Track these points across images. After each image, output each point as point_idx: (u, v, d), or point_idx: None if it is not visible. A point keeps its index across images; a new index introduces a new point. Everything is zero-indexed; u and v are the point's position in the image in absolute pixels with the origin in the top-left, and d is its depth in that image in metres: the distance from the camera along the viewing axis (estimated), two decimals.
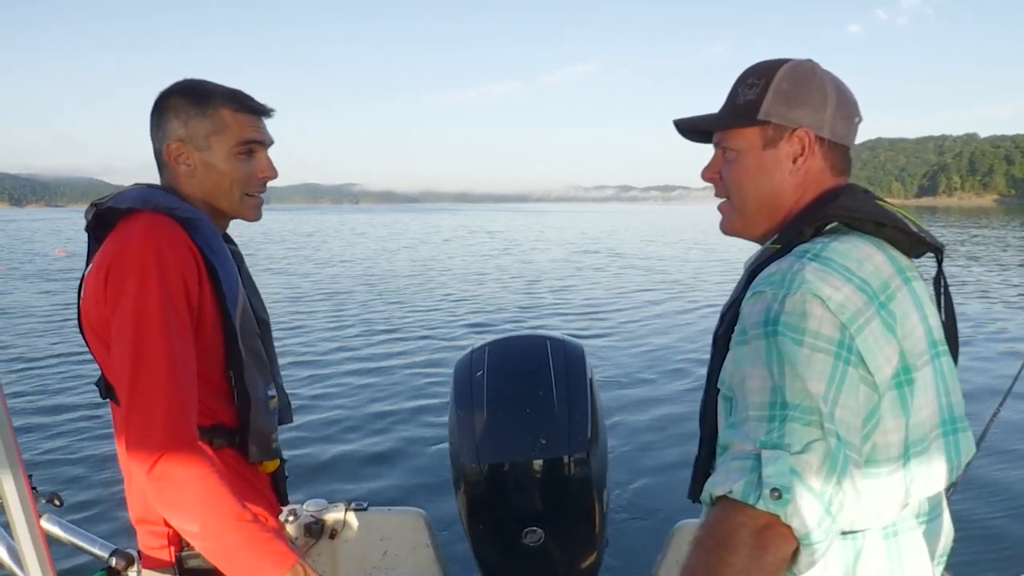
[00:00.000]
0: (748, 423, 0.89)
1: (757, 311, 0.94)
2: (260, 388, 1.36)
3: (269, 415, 1.40)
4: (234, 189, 1.35)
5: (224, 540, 1.11)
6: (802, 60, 1.11)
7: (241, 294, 1.33)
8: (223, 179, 1.33)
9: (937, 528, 1.05)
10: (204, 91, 1.33)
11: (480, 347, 2.19)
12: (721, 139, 1.14)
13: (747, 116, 1.09)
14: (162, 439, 1.11)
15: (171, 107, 1.33)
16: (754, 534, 0.83)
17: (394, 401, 6.91)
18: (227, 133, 1.32)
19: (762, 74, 1.09)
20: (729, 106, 1.12)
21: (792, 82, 1.07)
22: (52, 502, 2.09)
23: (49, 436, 5.96)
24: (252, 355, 1.34)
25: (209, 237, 1.30)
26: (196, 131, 1.31)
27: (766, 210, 1.10)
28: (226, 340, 1.30)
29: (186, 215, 1.28)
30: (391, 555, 2.45)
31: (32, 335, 10.42)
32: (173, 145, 1.32)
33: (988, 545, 3.93)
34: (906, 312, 0.96)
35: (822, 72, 1.10)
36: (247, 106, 1.34)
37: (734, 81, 1.13)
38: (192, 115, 1.31)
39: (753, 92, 1.08)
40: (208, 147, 1.32)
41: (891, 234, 1.01)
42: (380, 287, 16.14)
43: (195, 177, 1.33)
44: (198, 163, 1.33)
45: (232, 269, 1.33)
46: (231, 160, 1.33)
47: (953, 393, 1.02)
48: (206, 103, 1.31)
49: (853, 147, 1.14)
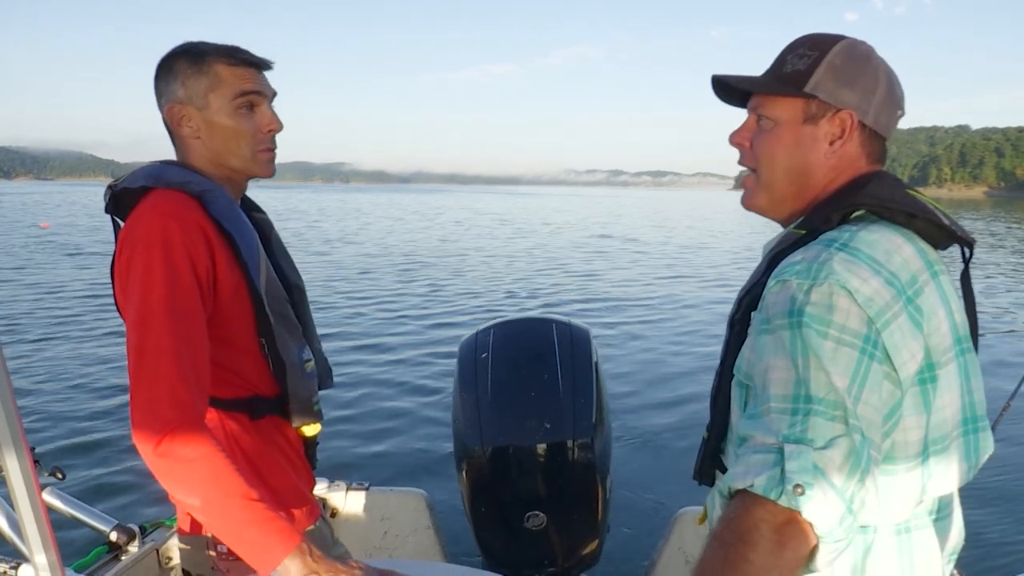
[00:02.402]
0: (770, 415, 0.87)
1: (782, 300, 0.91)
2: (294, 352, 1.37)
3: (307, 378, 1.41)
4: (242, 145, 1.33)
5: (231, 518, 1.10)
6: (859, 40, 1.06)
7: (263, 261, 1.34)
8: (229, 135, 1.32)
9: (948, 526, 1.04)
10: (199, 50, 1.31)
11: (485, 329, 2.18)
12: (759, 104, 1.08)
13: (794, 85, 1.03)
14: (168, 416, 1.10)
15: (170, 69, 1.32)
16: (775, 530, 0.81)
17: (398, 381, 6.90)
18: (224, 87, 1.30)
19: (816, 46, 1.04)
20: (775, 72, 1.07)
21: (846, 60, 1.02)
22: (55, 475, 2.10)
23: (54, 410, 5.99)
24: (281, 320, 1.35)
25: (224, 208, 1.29)
26: (194, 90, 1.30)
27: (794, 189, 1.06)
28: (254, 308, 1.31)
29: (199, 188, 1.28)
30: (391, 535, 2.45)
31: (39, 309, 10.44)
32: (175, 108, 1.31)
33: (998, 544, 3.92)
34: (933, 307, 0.93)
35: (877, 57, 1.05)
36: (242, 59, 1.32)
37: (783, 49, 1.08)
38: (189, 74, 1.30)
39: (804, 62, 1.03)
40: (207, 105, 1.30)
41: (921, 226, 0.98)
42: (385, 266, 16.12)
43: (201, 138, 1.32)
44: (200, 123, 1.32)
45: (251, 237, 1.33)
46: (233, 115, 1.31)
47: (976, 391, 1.00)
48: (201, 60, 1.30)
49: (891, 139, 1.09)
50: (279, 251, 1.47)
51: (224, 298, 1.27)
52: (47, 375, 7.06)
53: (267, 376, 1.36)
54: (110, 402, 6.14)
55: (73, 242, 21.30)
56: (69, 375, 7.02)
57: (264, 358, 1.34)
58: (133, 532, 2.08)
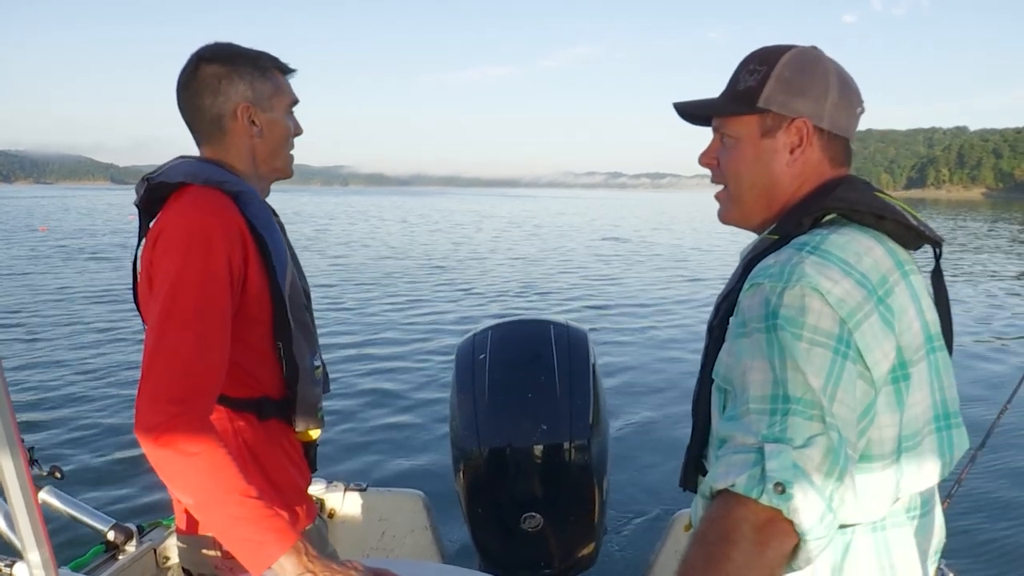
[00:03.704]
0: (749, 416, 0.88)
1: (756, 304, 0.93)
2: (308, 358, 1.39)
3: (315, 384, 1.43)
4: (286, 147, 1.44)
5: (227, 513, 1.10)
6: (806, 48, 1.08)
7: (290, 266, 1.37)
8: (283, 137, 1.42)
9: (929, 524, 1.05)
10: (255, 54, 1.39)
11: (483, 331, 2.18)
12: (720, 125, 1.12)
13: (746, 103, 1.06)
14: (173, 409, 1.10)
15: (235, 70, 1.36)
16: (756, 529, 0.81)
17: (396, 382, 6.92)
18: (283, 94, 1.41)
19: (764, 60, 1.07)
20: (730, 91, 1.10)
21: (794, 71, 1.05)
22: (53, 475, 2.10)
23: (54, 410, 6.00)
24: (300, 326, 1.37)
25: (259, 210, 1.33)
26: (261, 92, 1.37)
27: (763, 200, 1.09)
28: (275, 311, 1.32)
29: (236, 188, 1.31)
30: (389, 536, 2.45)
31: (43, 309, 10.47)
32: (243, 106, 1.36)
33: (992, 545, 3.91)
34: (904, 307, 0.95)
35: (826, 61, 1.07)
36: (287, 69, 1.44)
37: (737, 64, 1.11)
38: (256, 77, 1.37)
39: (754, 79, 1.06)
40: (271, 108, 1.39)
41: (890, 227, 1.00)
42: (382, 269, 16.13)
43: (261, 138, 1.39)
44: (264, 123, 1.38)
45: (280, 242, 1.35)
46: (288, 120, 1.43)
47: (948, 388, 1.01)
48: (263, 66, 1.38)
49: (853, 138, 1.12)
50: (292, 256, 1.48)
51: (249, 298, 1.28)
52: (50, 373, 7.08)
53: (278, 379, 1.36)
54: (112, 402, 6.16)
55: (75, 245, 21.39)
56: (73, 374, 7.04)
57: (278, 361, 1.35)
58: (131, 532, 2.08)
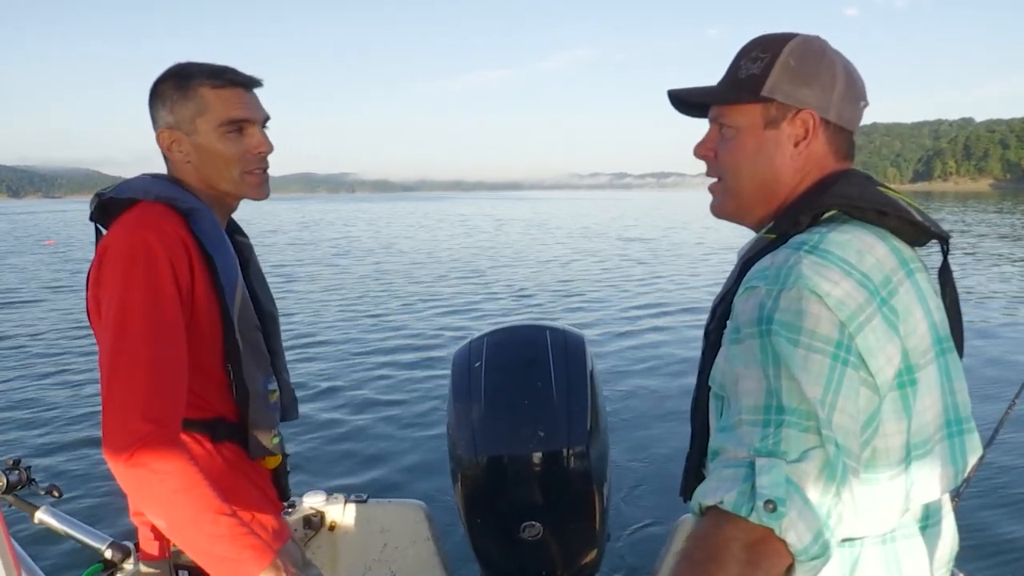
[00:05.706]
0: (741, 427, 0.84)
1: (750, 308, 0.88)
2: (259, 382, 1.35)
3: (269, 410, 1.38)
4: (231, 169, 1.32)
5: (203, 532, 1.09)
6: (811, 36, 1.04)
7: (240, 286, 1.32)
8: (217, 160, 1.30)
9: (939, 533, 0.99)
10: (186, 73, 1.30)
11: (479, 338, 2.16)
12: (719, 114, 1.06)
13: (750, 91, 1.01)
14: (141, 428, 1.09)
15: (158, 95, 1.32)
16: (746, 548, 0.77)
17: (395, 392, 6.89)
18: (210, 113, 1.29)
19: (768, 47, 1.02)
20: (730, 79, 1.04)
21: (800, 59, 1.00)
22: (51, 493, 2.08)
23: (52, 427, 5.98)
24: (250, 348, 1.33)
25: (208, 228, 1.29)
26: (182, 115, 1.30)
27: (762, 195, 1.04)
28: (224, 332, 1.29)
29: (186, 206, 1.28)
30: (391, 548, 2.43)
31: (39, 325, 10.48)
32: (164, 133, 1.31)
33: (1002, 544, 3.86)
34: (909, 308, 0.90)
35: (832, 51, 1.03)
36: (228, 80, 1.30)
37: (736, 53, 1.06)
38: (176, 100, 1.30)
39: (757, 66, 1.01)
40: (196, 130, 1.30)
41: (894, 223, 0.95)
42: (381, 278, 16.09)
43: (191, 162, 1.32)
44: (190, 148, 1.31)
45: (231, 260, 1.31)
46: (221, 140, 1.30)
47: (959, 392, 0.96)
48: (186, 85, 1.29)
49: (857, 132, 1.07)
50: (256, 277, 1.45)
51: (196, 317, 1.25)
52: (49, 390, 7.07)
53: (230, 402, 1.33)
54: None
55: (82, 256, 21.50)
56: (73, 391, 7.03)
57: (228, 384, 1.32)
58: (128, 550, 2.06)
